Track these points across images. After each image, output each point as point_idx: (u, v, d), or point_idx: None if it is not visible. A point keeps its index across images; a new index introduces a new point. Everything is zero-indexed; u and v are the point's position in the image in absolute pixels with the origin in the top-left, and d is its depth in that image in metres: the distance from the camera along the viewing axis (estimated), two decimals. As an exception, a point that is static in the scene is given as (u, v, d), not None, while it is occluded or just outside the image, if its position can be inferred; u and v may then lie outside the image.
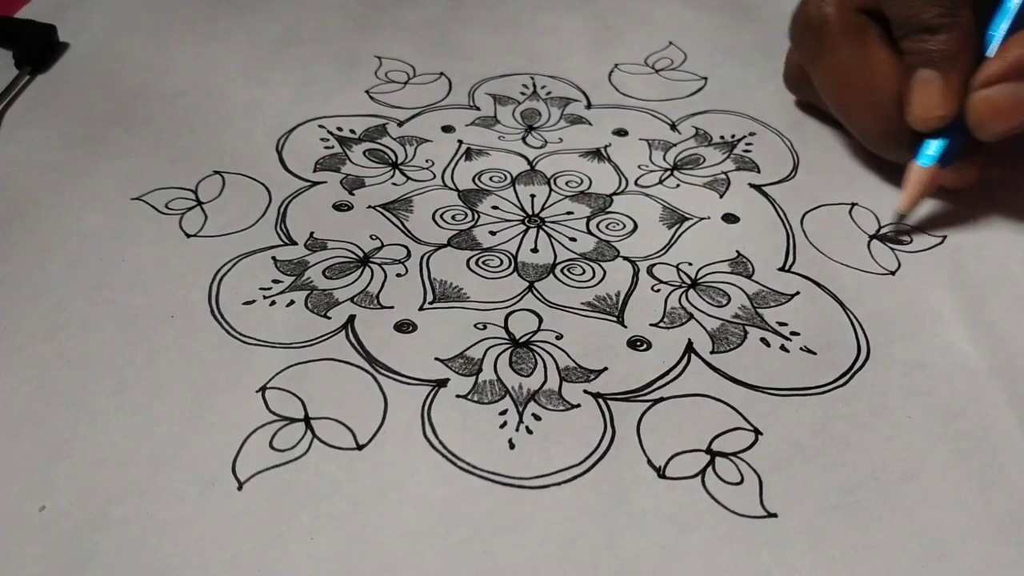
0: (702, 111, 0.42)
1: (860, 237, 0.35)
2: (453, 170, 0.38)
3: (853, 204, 0.36)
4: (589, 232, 0.35)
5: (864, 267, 0.33)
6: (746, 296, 0.32)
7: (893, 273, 0.33)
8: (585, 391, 0.28)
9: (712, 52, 0.46)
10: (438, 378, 0.28)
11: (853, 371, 0.29)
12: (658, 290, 0.32)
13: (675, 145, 0.40)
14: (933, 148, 0.33)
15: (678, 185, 0.37)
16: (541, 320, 0.30)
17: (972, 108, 0.32)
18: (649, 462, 0.26)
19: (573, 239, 0.34)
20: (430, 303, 0.31)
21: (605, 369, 0.29)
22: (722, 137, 0.40)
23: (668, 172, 0.38)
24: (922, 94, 0.32)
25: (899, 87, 0.33)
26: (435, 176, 0.37)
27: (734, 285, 0.32)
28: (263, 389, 0.28)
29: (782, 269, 0.33)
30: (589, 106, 0.42)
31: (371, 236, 0.34)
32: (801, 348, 0.30)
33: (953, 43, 0.32)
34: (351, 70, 0.44)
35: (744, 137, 0.40)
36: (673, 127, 0.41)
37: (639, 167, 0.38)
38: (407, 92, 0.43)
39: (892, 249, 0.34)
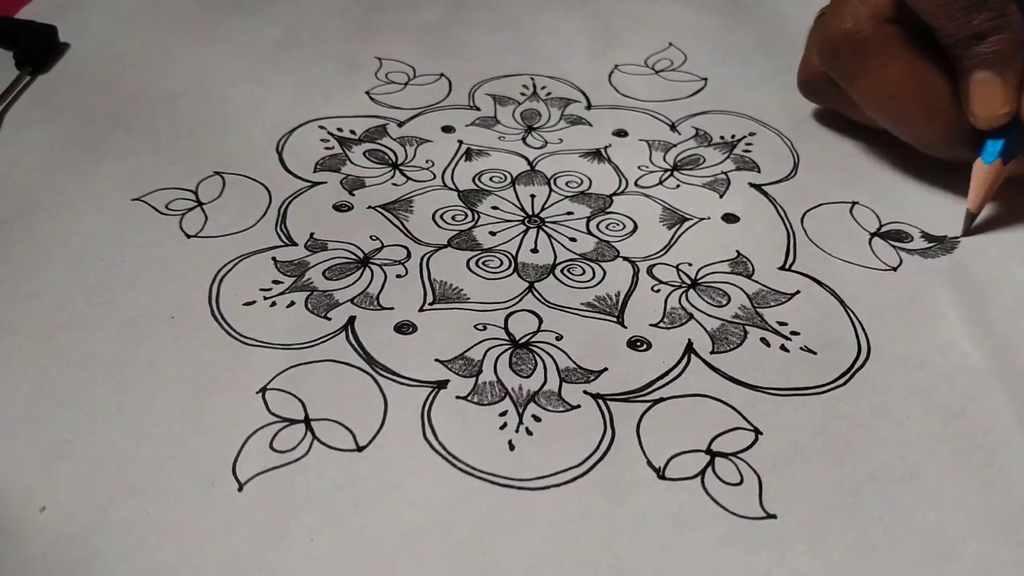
0: (702, 111, 0.42)
1: (861, 235, 0.35)
2: (453, 170, 0.38)
3: (854, 203, 0.36)
4: (589, 232, 0.35)
5: (865, 264, 0.33)
6: (746, 296, 0.32)
7: (895, 269, 0.33)
8: (585, 392, 0.28)
9: (712, 52, 0.46)
10: (438, 379, 0.28)
11: (853, 370, 0.29)
12: (658, 290, 0.32)
13: (675, 146, 0.40)
14: (995, 146, 0.33)
15: (678, 185, 0.37)
16: (541, 321, 0.30)
17: None
18: (649, 463, 0.26)
19: (573, 239, 0.34)
20: (430, 304, 0.31)
21: (605, 370, 0.29)
22: (722, 137, 0.40)
23: (668, 172, 0.38)
24: (982, 95, 0.32)
25: (954, 89, 0.33)
26: (435, 176, 0.37)
27: (734, 285, 0.32)
28: (263, 390, 0.28)
29: (782, 268, 0.33)
30: (589, 107, 0.42)
31: (371, 237, 0.34)
32: (801, 348, 0.30)
33: (1005, 43, 0.32)
34: (351, 71, 0.44)
35: (744, 137, 0.40)
36: (673, 128, 0.41)
37: (639, 168, 0.38)
38: (407, 93, 0.43)
39: (894, 247, 0.34)
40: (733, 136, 0.40)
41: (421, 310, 0.31)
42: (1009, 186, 0.35)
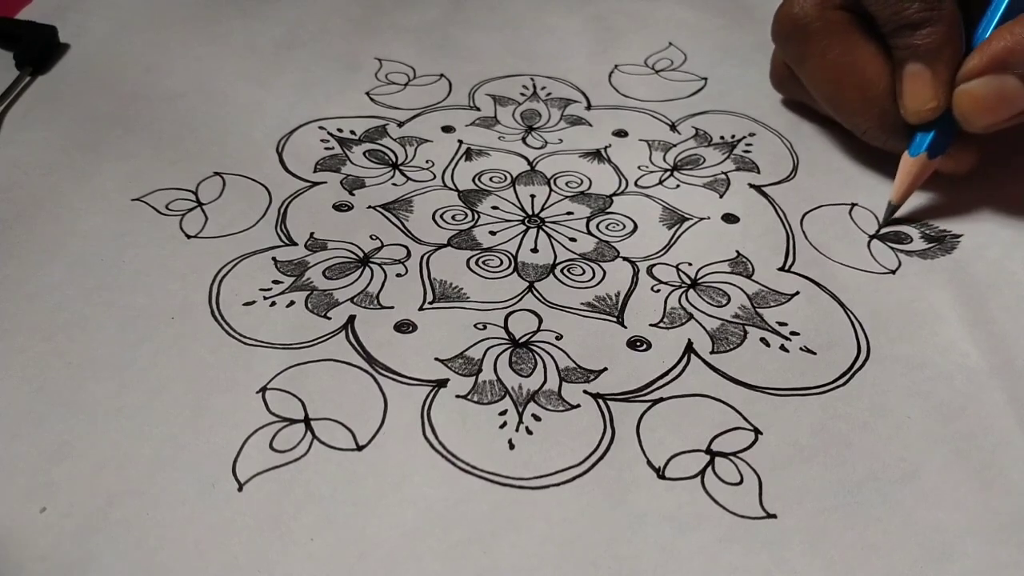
0: (702, 111, 0.42)
1: (860, 237, 0.35)
2: (453, 170, 0.38)
3: (853, 204, 0.36)
4: (589, 232, 0.35)
5: (864, 267, 0.33)
6: (746, 296, 0.32)
7: (893, 272, 0.33)
8: (585, 391, 0.28)
9: (712, 52, 0.46)
10: (438, 378, 0.28)
11: (853, 371, 0.29)
12: (658, 290, 0.32)
13: (675, 146, 0.40)
14: (923, 139, 0.34)
15: (678, 186, 0.37)
16: (541, 320, 0.30)
17: (956, 102, 0.32)
18: (649, 463, 0.26)
19: (573, 239, 0.34)
20: (430, 303, 0.31)
21: (605, 369, 0.29)
22: (722, 137, 0.40)
23: (668, 172, 0.38)
24: (912, 87, 0.33)
25: (891, 79, 0.34)
26: (435, 176, 0.37)
27: (734, 285, 0.32)
28: (263, 390, 0.28)
29: (782, 269, 0.33)
30: (589, 107, 0.42)
31: (371, 236, 0.34)
32: (801, 348, 0.30)
33: (937, 36, 0.32)
34: (351, 72, 0.44)
35: (744, 137, 0.40)
36: (673, 128, 0.41)
37: (639, 168, 0.38)
38: (407, 93, 0.43)
39: (893, 248, 0.34)
40: (733, 136, 0.40)
41: (421, 309, 0.31)
42: (1003, 187, 0.35)
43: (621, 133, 0.40)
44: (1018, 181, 0.37)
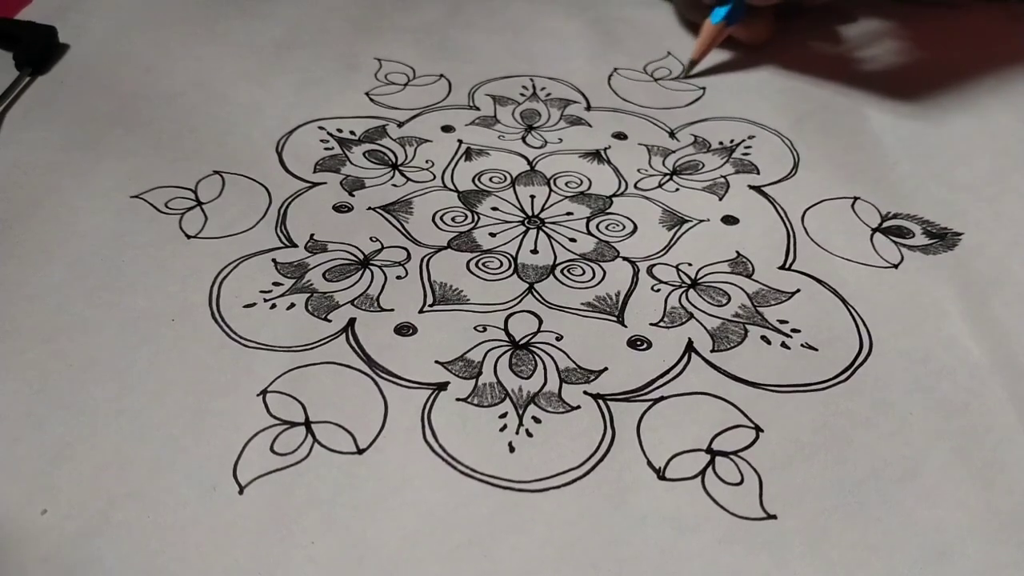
0: (701, 120, 0.42)
1: (863, 230, 0.35)
2: (453, 171, 0.38)
3: (855, 198, 0.36)
4: (589, 233, 0.35)
5: (867, 261, 0.33)
6: (746, 295, 0.32)
7: (896, 267, 0.33)
8: (585, 392, 0.28)
9: (710, 59, 0.46)
10: (438, 381, 0.28)
11: (855, 366, 0.29)
12: (658, 290, 0.32)
13: (674, 151, 0.39)
14: (722, 10, 0.43)
15: (677, 189, 0.37)
16: (541, 321, 0.30)
17: None
18: (649, 463, 0.26)
19: (573, 239, 0.34)
20: (430, 306, 0.31)
21: (605, 369, 0.29)
22: (721, 143, 0.40)
23: (667, 176, 0.38)
24: None
25: None
26: (435, 177, 0.37)
27: (734, 285, 0.32)
28: (264, 393, 0.28)
29: (782, 268, 0.33)
30: (588, 108, 0.42)
31: (371, 238, 0.34)
32: (802, 345, 0.30)
33: None
34: (351, 72, 0.44)
35: (743, 141, 0.40)
36: (672, 135, 0.41)
37: (638, 170, 0.38)
38: (407, 94, 0.43)
39: (895, 243, 0.34)
40: (732, 140, 0.40)
41: (421, 312, 0.31)
42: (1004, 183, 0.35)
43: (621, 136, 0.40)
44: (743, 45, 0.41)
